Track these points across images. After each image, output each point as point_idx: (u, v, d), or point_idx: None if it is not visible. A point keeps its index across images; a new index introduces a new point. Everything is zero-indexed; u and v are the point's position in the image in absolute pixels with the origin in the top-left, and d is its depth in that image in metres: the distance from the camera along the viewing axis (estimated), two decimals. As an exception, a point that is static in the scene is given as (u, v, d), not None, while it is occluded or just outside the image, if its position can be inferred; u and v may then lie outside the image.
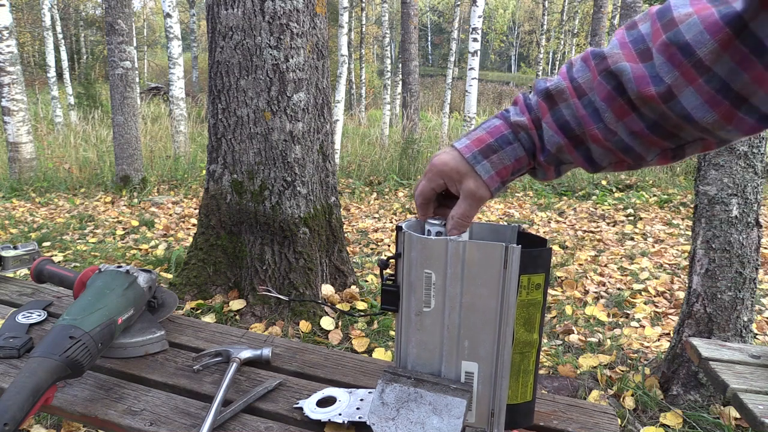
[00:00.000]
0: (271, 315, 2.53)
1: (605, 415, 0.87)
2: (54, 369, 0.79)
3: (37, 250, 1.41)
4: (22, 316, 1.15)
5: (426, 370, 0.73)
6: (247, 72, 2.51)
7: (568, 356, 2.37)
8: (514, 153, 0.64)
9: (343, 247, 2.87)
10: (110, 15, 5.49)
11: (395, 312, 0.73)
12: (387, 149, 8.48)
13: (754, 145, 1.91)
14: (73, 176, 6.42)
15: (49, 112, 11.65)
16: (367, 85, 18.91)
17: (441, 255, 0.68)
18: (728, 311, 1.95)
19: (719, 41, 0.48)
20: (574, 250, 4.00)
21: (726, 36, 0.48)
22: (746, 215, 1.93)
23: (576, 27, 19.96)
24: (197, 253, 2.70)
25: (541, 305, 0.72)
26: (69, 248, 3.81)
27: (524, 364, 0.74)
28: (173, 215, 4.95)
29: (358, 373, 0.99)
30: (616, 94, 0.56)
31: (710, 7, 0.49)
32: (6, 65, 5.97)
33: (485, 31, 31.80)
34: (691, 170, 7.06)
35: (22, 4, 18.51)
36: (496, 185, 0.65)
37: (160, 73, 22.36)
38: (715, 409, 1.92)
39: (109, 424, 0.84)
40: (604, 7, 10.54)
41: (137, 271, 1.08)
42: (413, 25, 10.39)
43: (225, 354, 1.00)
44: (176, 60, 8.08)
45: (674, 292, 3.14)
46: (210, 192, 2.68)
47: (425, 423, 0.68)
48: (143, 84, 17.46)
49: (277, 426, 0.83)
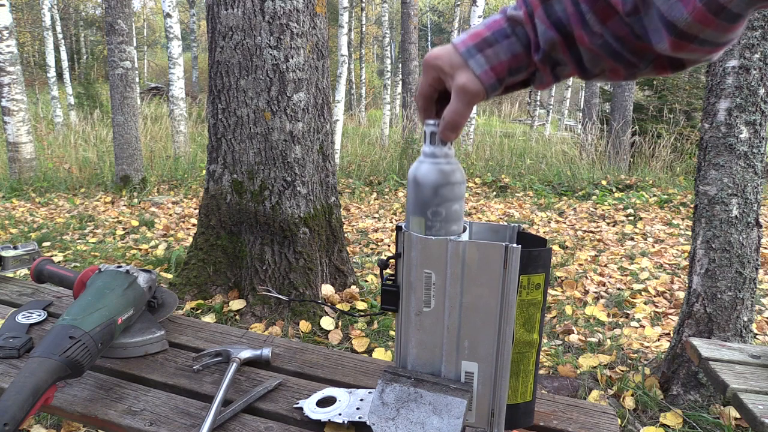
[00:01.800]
0: (271, 315, 2.53)
1: (605, 415, 0.87)
2: (54, 369, 0.79)
3: (37, 250, 1.41)
4: (22, 316, 1.15)
5: (426, 370, 0.73)
6: (247, 72, 2.51)
7: (568, 356, 2.37)
8: (511, 48, 0.60)
9: (343, 247, 2.87)
10: (110, 15, 5.50)
11: (395, 312, 0.73)
12: (387, 149, 8.48)
13: (754, 145, 1.91)
14: (73, 176, 6.42)
15: (49, 112, 11.65)
16: (367, 85, 18.91)
17: (441, 255, 0.68)
18: (728, 311, 1.95)
19: None
20: (574, 250, 4.00)
21: None
22: (746, 215, 1.93)
23: (576, 27, 19.89)
24: (197, 253, 2.70)
25: (541, 305, 0.72)
26: (69, 248, 3.81)
27: (524, 364, 0.74)
28: (173, 215, 4.95)
29: (358, 373, 0.99)
30: None
31: None
32: (6, 65, 5.97)
33: (485, 31, 31.67)
34: (691, 170, 7.07)
35: (22, 4, 18.51)
36: (490, 81, 0.60)
37: (160, 73, 22.36)
38: (715, 409, 1.92)
39: (109, 424, 0.84)
40: (604, 7, 10.51)
41: (137, 271, 1.08)
42: (413, 25, 10.39)
43: (225, 354, 1.00)
44: (176, 60, 8.08)
45: (674, 292, 3.14)
46: (210, 192, 2.68)
47: (425, 423, 0.68)
48: (143, 84, 17.47)
49: (277, 426, 0.83)
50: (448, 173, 0.65)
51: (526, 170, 7.36)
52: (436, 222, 0.66)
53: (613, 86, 8.31)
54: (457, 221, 0.67)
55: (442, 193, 0.65)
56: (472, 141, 8.47)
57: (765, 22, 1.85)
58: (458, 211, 0.67)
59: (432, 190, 0.65)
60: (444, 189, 0.65)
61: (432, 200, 0.65)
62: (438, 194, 0.65)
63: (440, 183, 0.65)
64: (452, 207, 0.66)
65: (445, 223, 0.66)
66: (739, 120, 1.90)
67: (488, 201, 5.91)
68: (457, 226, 0.68)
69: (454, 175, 0.65)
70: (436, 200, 0.65)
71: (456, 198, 0.66)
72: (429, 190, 0.65)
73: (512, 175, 7.05)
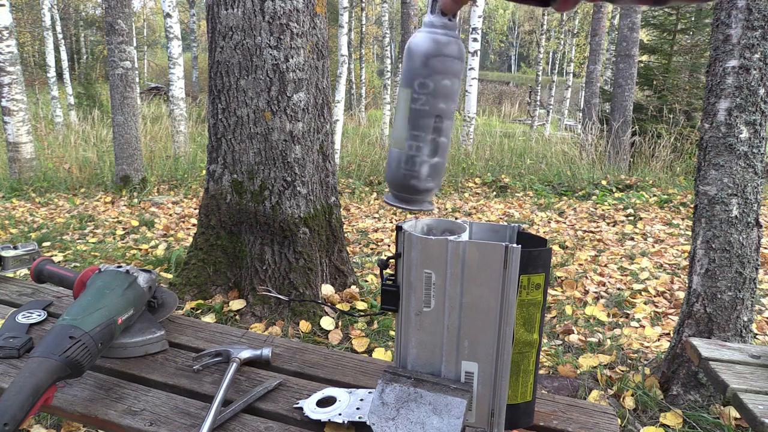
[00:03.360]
0: (271, 315, 2.53)
1: (605, 415, 0.87)
2: (54, 369, 0.79)
3: (37, 250, 1.41)
4: (22, 316, 1.15)
5: (426, 370, 0.73)
6: (247, 72, 2.51)
7: (568, 356, 2.37)
8: None
9: (343, 247, 2.87)
10: (110, 15, 5.49)
11: (395, 312, 0.73)
12: (387, 149, 8.47)
13: (754, 145, 1.91)
14: (73, 176, 6.42)
15: (49, 112, 11.64)
16: (367, 85, 18.91)
17: (441, 255, 0.68)
18: (728, 311, 1.95)
19: None
20: (574, 250, 4.00)
21: None
22: (746, 215, 1.93)
23: (576, 27, 19.95)
24: (197, 253, 2.70)
25: (541, 305, 0.72)
26: (69, 248, 3.81)
27: (524, 364, 0.74)
28: (173, 215, 4.95)
29: (358, 373, 0.99)
30: None
31: None
32: (6, 65, 5.97)
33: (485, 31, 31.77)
34: (691, 170, 7.06)
35: (22, 4, 18.50)
36: None
37: (160, 73, 22.36)
38: (715, 409, 1.92)
39: (109, 424, 0.84)
40: (604, 7, 10.54)
41: (137, 271, 1.08)
42: (413, 25, 10.39)
43: (225, 354, 1.00)
44: (176, 60, 8.08)
45: (674, 292, 3.14)
46: (210, 192, 2.68)
47: (425, 423, 0.68)
48: (143, 84, 17.47)
49: (277, 426, 0.83)
50: (442, 44, 0.61)
51: (526, 170, 7.35)
52: (422, 95, 0.62)
53: (613, 86, 8.30)
54: (445, 99, 0.63)
55: (432, 63, 0.61)
56: (472, 141, 8.46)
57: (765, 22, 1.85)
58: (448, 88, 0.63)
59: (422, 59, 0.61)
60: (435, 60, 0.61)
61: (421, 71, 0.62)
62: (428, 65, 0.61)
63: (431, 53, 0.61)
64: (441, 81, 0.62)
65: (432, 98, 0.62)
66: (739, 120, 1.90)
67: (488, 201, 5.91)
68: (445, 104, 0.63)
69: (449, 47, 0.62)
70: (425, 71, 0.61)
71: (447, 72, 0.62)
72: (419, 59, 0.61)
73: (512, 175, 7.05)
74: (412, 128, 0.63)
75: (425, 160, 0.63)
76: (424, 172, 0.64)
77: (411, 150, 0.63)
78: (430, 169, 0.64)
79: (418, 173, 0.64)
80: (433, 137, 0.63)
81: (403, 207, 0.65)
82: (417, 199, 0.65)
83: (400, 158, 0.64)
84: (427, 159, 0.63)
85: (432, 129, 0.63)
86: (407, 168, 0.64)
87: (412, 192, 0.64)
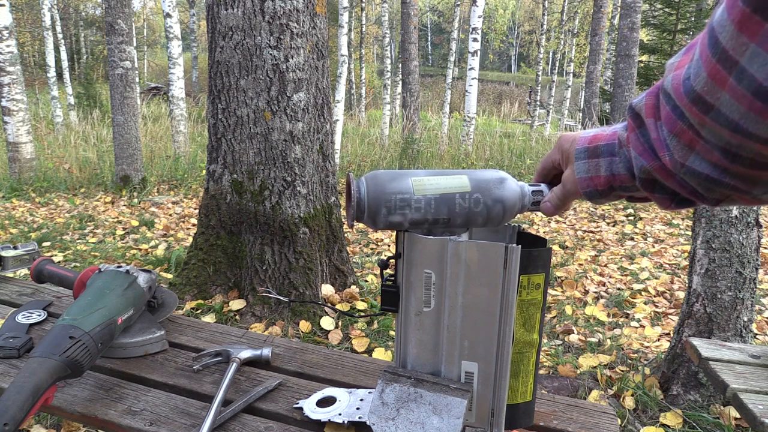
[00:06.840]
0: (271, 315, 2.53)
1: (605, 415, 0.87)
2: (54, 369, 0.79)
3: (37, 250, 1.41)
4: (22, 316, 1.15)
5: (426, 370, 0.73)
6: (247, 72, 2.51)
7: (568, 356, 2.37)
8: (611, 167, 0.57)
9: (343, 247, 2.87)
10: (110, 15, 5.49)
11: (395, 312, 0.73)
12: (387, 149, 8.47)
13: (754, 145, 1.91)
14: (73, 176, 6.42)
15: (49, 112, 11.64)
16: (367, 85, 18.91)
17: (441, 255, 0.68)
18: (728, 311, 1.95)
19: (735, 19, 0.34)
20: (574, 250, 4.00)
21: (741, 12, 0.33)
22: (746, 215, 1.93)
23: (576, 27, 19.95)
24: (197, 253, 2.70)
25: (541, 305, 0.72)
26: (69, 248, 3.81)
27: (524, 364, 0.74)
28: (173, 215, 4.95)
29: (358, 373, 0.99)
30: (674, 116, 0.44)
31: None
32: (6, 65, 5.97)
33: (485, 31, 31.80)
34: (691, 170, 7.04)
35: (22, 4, 18.50)
36: (587, 189, 0.60)
37: (160, 73, 22.36)
38: (715, 409, 1.92)
39: (109, 424, 0.84)
40: (604, 7, 10.55)
41: (137, 271, 1.08)
42: (413, 25, 10.39)
43: (225, 354, 1.00)
44: (176, 60, 8.08)
45: (674, 292, 3.14)
46: (210, 192, 2.68)
47: (425, 423, 0.68)
48: (143, 84, 17.47)
49: (277, 426, 0.83)
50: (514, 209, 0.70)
51: (526, 170, 7.35)
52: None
53: (613, 86, 8.30)
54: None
55: (508, 209, 0.69)
56: (472, 141, 8.46)
57: (765, 22, 1.85)
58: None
59: (502, 207, 0.68)
60: (509, 213, 0.69)
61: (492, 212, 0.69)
62: (506, 211, 0.69)
63: (511, 204, 0.69)
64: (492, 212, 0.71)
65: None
66: (739, 120, 1.89)
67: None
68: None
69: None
70: (494, 211, 0.69)
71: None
72: (503, 207, 0.69)
73: (512, 175, 7.04)
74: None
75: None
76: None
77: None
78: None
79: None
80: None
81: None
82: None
83: None
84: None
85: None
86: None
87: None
